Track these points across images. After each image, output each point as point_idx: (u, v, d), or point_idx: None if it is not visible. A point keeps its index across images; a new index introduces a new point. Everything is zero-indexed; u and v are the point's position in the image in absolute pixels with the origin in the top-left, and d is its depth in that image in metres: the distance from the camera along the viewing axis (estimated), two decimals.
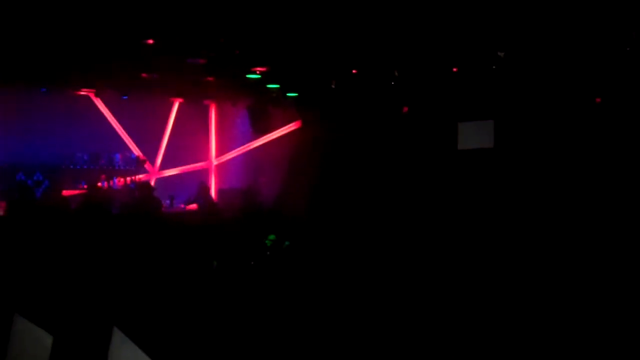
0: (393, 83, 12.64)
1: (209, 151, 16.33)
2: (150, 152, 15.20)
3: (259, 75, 12.53)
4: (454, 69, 11.70)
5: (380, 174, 13.50)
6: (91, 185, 13.11)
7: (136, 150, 14.89)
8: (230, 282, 5.85)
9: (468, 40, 10.14)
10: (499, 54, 10.60)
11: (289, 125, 15.54)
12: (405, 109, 13.74)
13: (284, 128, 15.59)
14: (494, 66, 10.99)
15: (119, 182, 14.10)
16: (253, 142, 15.81)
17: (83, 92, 13.98)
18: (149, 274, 6.03)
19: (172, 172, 15.40)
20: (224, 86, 13.80)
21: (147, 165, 15.06)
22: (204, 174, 16.03)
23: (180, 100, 15.46)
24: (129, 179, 14.32)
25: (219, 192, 15.48)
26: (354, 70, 12.31)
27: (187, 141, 15.54)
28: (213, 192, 15.64)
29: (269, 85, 13.53)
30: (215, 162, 16.32)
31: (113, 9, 8.58)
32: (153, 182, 14.61)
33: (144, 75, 12.73)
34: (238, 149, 16.05)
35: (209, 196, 13.93)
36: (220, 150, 16.36)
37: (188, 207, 14.07)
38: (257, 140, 15.70)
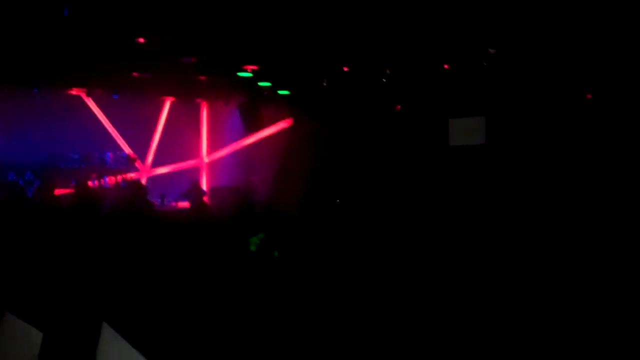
0: (385, 80, 12.65)
1: (200, 149, 16.31)
2: (142, 151, 15.17)
3: (251, 74, 12.52)
4: (446, 66, 11.72)
5: (373, 171, 13.52)
6: (80, 184, 13.03)
7: (127, 149, 14.86)
8: (221, 280, 5.86)
9: (459, 37, 10.15)
10: (490, 50, 10.63)
11: (281, 123, 15.53)
12: (398, 107, 13.76)
13: (275, 126, 15.58)
14: (485, 63, 11.01)
15: (110, 181, 14.07)
16: (244, 140, 15.78)
17: (74, 92, 13.94)
18: (139, 271, 6.03)
19: (164, 171, 15.37)
20: (216, 84, 13.77)
21: (138, 163, 15.03)
22: (195, 172, 16.01)
23: (171, 99, 15.44)
24: (120, 177, 14.30)
25: (211, 190, 15.45)
26: (345, 68, 12.32)
27: (179, 139, 15.51)
28: (205, 190, 15.63)
29: (260, 83, 13.51)
30: (206, 160, 16.31)
31: (104, 8, 8.57)
32: (144, 181, 14.58)
33: (135, 74, 12.71)
34: (229, 147, 16.03)
35: (201, 194, 13.91)
36: (212, 149, 16.34)
37: (179, 204, 14.06)
38: (249, 138, 15.67)
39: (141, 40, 10.10)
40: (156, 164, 15.37)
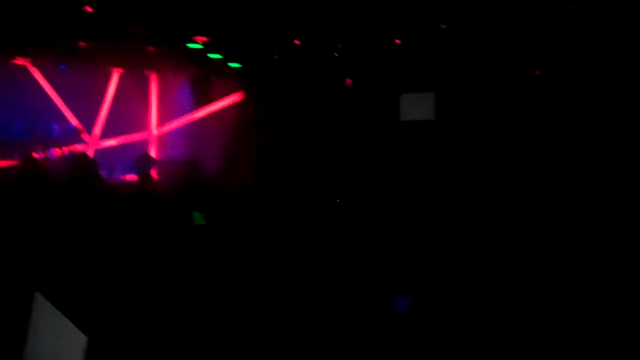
0: (336, 54, 12.60)
1: (149, 122, 16.06)
2: (90, 123, 14.89)
3: (201, 45, 12.33)
4: (397, 41, 11.71)
5: (324, 145, 13.50)
6: (26, 156, 12.77)
7: (74, 120, 14.56)
8: (161, 251, 5.79)
9: (411, 12, 10.15)
10: (441, 26, 10.65)
11: (232, 96, 15.38)
12: (349, 81, 13.73)
13: (226, 99, 15.42)
14: (436, 38, 11.04)
15: (56, 153, 13.78)
16: (195, 113, 15.59)
17: (19, 61, 13.57)
18: (79, 243, 5.93)
19: (111, 143, 15.12)
20: (165, 56, 13.54)
21: (85, 135, 14.75)
22: (144, 145, 15.78)
23: (120, 70, 15.15)
24: (66, 149, 14.02)
25: (159, 164, 15.27)
26: (297, 42, 12.22)
27: (127, 112, 15.26)
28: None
29: (211, 55, 13.33)
30: (155, 133, 16.08)
31: None
32: (91, 153, 14.33)
33: (81, 44, 12.40)
34: (179, 120, 15.83)
35: (149, 166, 13.72)
36: (161, 121, 16.12)
37: (128, 178, 13.86)
38: (199, 111, 15.49)
39: (88, 8, 9.84)
40: (104, 136, 15.10)
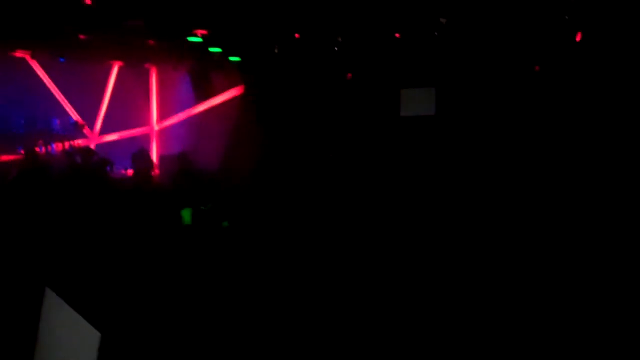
0: (336, 49, 12.60)
1: (150, 116, 16.06)
2: (90, 117, 14.88)
3: (200, 39, 12.31)
4: (397, 35, 11.71)
5: (324, 140, 13.51)
6: (29, 150, 12.79)
7: (75, 114, 14.55)
8: (158, 244, 5.81)
9: (411, 6, 10.15)
10: (441, 20, 10.65)
11: (232, 90, 15.37)
12: (349, 75, 13.73)
13: (226, 93, 15.41)
14: (436, 33, 11.04)
15: (57, 147, 13.78)
16: (195, 107, 15.59)
17: (19, 54, 13.55)
18: (84, 237, 5.95)
19: (112, 138, 15.12)
20: (165, 49, 13.52)
21: (86, 130, 14.75)
22: (145, 139, 15.78)
23: (120, 63, 15.13)
24: (67, 144, 14.02)
25: (160, 158, 15.28)
26: (297, 35, 12.21)
27: (128, 106, 15.26)
28: (155, 158, 15.45)
29: (210, 49, 13.31)
30: (156, 128, 16.08)
31: None
32: (92, 148, 14.33)
33: (81, 36, 12.38)
34: (180, 114, 15.83)
35: (146, 160, 13.70)
36: (162, 116, 16.11)
37: (129, 172, 13.87)
38: (200, 105, 15.49)
39: (88, 1, 9.82)
40: (104, 130, 15.10)
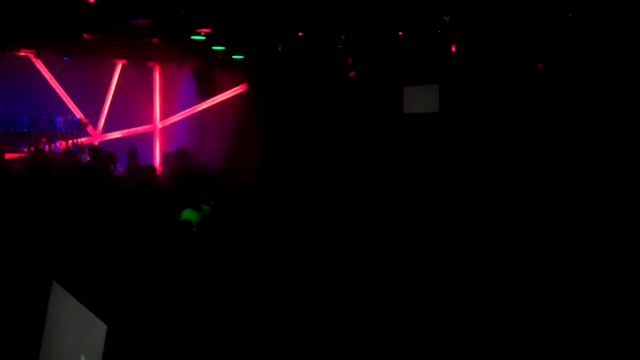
0: (340, 46, 12.62)
1: (153, 114, 16.09)
2: (93, 115, 14.91)
3: (204, 37, 12.35)
4: (400, 33, 11.73)
5: (327, 138, 13.52)
6: (35, 149, 12.84)
7: (78, 113, 14.58)
8: (157, 242, 5.84)
9: (414, 3, 10.16)
10: (444, 18, 10.66)
11: (235, 88, 15.40)
12: (353, 73, 13.74)
13: (230, 91, 15.44)
14: (439, 30, 11.05)
15: (61, 146, 13.82)
16: (198, 106, 15.61)
17: (22, 53, 13.59)
18: (90, 233, 5.99)
19: (116, 136, 15.14)
20: (168, 48, 13.55)
21: (90, 128, 14.78)
22: (149, 137, 15.81)
23: (123, 61, 15.16)
24: (70, 142, 14.05)
25: (163, 156, 15.31)
26: (300, 33, 12.24)
27: (131, 104, 15.26)
28: (158, 156, 15.50)
29: (214, 47, 13.35)
30: (159, 126, 16.10)
31: None
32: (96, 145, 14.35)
33: (85, 35, 12.41)
34: (183, 112, 15.85)
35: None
36: (165, 114, 16.14)
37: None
38: (203, 103, 15.51)
39: (91, 0, 9.85)
40: (108, 129, 15.13)
